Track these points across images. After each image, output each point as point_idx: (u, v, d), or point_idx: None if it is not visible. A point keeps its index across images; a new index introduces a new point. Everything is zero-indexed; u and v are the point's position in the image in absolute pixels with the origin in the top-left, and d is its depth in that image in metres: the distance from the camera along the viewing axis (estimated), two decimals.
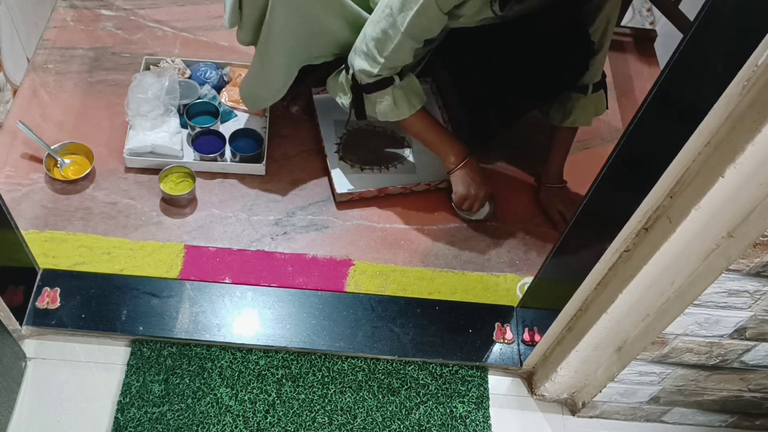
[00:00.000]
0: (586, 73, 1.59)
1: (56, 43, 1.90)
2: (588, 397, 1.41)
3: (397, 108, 1.51)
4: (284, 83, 1.59)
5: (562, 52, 1.53)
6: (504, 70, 1.62)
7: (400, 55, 1.43)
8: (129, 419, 1.35)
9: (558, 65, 1.55)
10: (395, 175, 1.73)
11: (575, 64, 1.57)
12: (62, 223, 1.58)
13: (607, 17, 1.51)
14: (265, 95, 1.62)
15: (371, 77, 1.47)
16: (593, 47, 1.54)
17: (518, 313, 1.55)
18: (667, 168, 0.94)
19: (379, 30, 1.40)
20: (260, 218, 1.65)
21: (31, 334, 1.44)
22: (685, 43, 0.87)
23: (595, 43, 1.53)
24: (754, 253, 0.94)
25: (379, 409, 1.42)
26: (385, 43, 1.41)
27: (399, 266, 1.61)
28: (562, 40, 1.52)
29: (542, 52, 1.55)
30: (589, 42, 1.53)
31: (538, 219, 1.74)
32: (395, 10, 1.36)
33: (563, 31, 1.51)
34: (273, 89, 1.60)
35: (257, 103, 1.66)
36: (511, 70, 1.60)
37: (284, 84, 1.59)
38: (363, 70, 1.46)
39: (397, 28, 1.37)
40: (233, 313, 1.48)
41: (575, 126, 1.68)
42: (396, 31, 1.38)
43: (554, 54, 1.54)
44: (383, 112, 1.52)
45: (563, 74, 1.58)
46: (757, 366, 1.25)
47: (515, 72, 1.60)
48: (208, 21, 2.02)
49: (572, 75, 1.59)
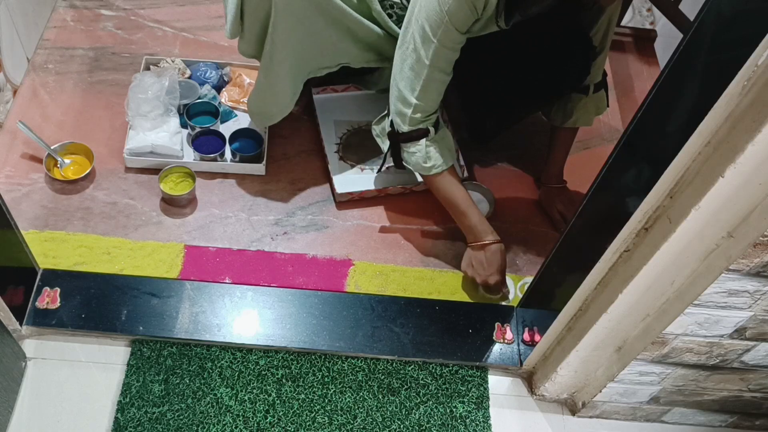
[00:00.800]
0: (587, 75, 1.58)
1: (56, 43, 1.90)
2: (588, 397, 1.41)
3: (429, 161, 1.47)
4: (291, 97, 1.58)
5: (563, 57, 1.53)
6: (505, 73, 1.62)
7: (430, 92, 1.39)
8: (129, 419, 1.35)
9: (559, 69, 1.55)
10: (395, 175, 1.73)
11: (576, 68, 1.56)
12: (62, 223, 1.58)
13: (608, 19, 1.51)
14: (274, 110, 1.60)
15: (406, 123, 1.43)
16: (594, 50, 1.54)
17: (518, 313, 1.55)
18: (667, 168, 0.94)
19: (407, 68, 1.38)
20: (260, 218, 1.65)
21: (31, 334, 1.44)
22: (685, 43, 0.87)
23: (597, 45, 1.53)
24: (754, 253, 0.94)
25: (379, 409, 1.42)
26: (414, 81, 1.38)
27: (399, 266, 1.61)
28: (562, 44, 1.51)
29: (543, 57, 1.54)
30: (590, 46, 1.53)
31: (538, 219, 1.74)
32: (418, 45, 1.34)
33: (564, 35, 1.51)
34: (281, 104, 1.58)
35: (266, 119, 1.64)
36: (512, 73, 1.60)
37: (291, 98, 1.58)
38: (398, 112, 1.43)
39: (422, 62, 1.35)
40: (233, 313, 1.48)
41: (576, 127, 1.68)
42: (422, 65, 1.35)
43: (555, 58, 1.53)
44: (414, 164, 1.48)
45: (564, 78, 1.58)
46: (757, 366, 1.25)
47: (516, 75, 1.60)
48: (208, 21, 2.02)
49: (573, 78, 1.59)
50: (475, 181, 1.75)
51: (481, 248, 1.51)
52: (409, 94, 1.39)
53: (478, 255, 1.52)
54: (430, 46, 1.33)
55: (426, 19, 1.31)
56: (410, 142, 1.45)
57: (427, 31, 1.32)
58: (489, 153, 1.83)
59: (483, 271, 1.51)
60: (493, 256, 1.50)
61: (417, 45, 1.34)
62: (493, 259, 1.50)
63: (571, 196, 1.73)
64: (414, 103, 1.40)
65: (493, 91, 1.68)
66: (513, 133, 1.82)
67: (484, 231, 1.51)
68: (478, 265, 1.52)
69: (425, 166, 1.47)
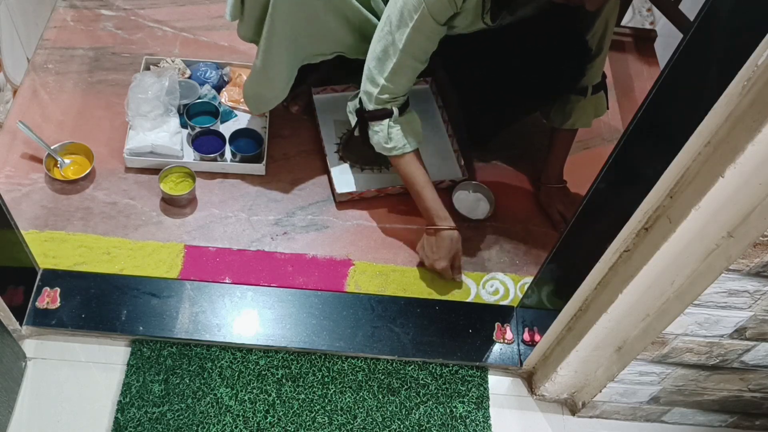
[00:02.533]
0: (582, 77, 1.58)
1: (56, 43, 1.90)
2: (588, 397, 1.41)
3: (390, 142, 1.48)
4: (287, 82, 1.59)
5: (558, 58, 1.53)
6: (500, 74, 1.62)
7: (400, 76, 1.40)
8: (129, 419, 1.35)
9: (553, 70, 1.55)
10: (395, 175, 1.73)
11: (570, 70, 1.56)
12: (62, 223, 1.58)
13: (605, 21, 1.50)
14: (269, 95, 1.61)
15: (372, 101, 1.45)
16: (590, 52, 1.53)
17: (518, 313, 1.55)
18: (667, 168, 0.94)
19: (380, 49, 1.39)
20: (260, 218, 1.65)
21: (31, 334, 1.44)
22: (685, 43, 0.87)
23: (594, 47, 1.53)
24: (754, 253, 0.94)
25: (379, 409, 1.42)
26: (385, 63, 1.39)
27: (399, 266, 1.61)
28: (557, 45, 1.51)
29: (537, 58, 1.54)
30: (585, 47, 1.52)
31: (538, 219, 1.74)
32: (393, 27, 1.36)
33: (558, 36, 1.50)
34: (276, 88, 1.59)
35: (261, 104, 1.65)
36: (507, 74, 1.60)
37: (287, 83, 1.59)
38: (365, 91, 1.45)
39: (396, 45, 1.36)
40: (233, 313, 1.48)
41: (575, 128, 1.68)
42: (395, 49, 1.37)
43: (549, 59, 1.53)
44: (377, 143, 1.50)
45: (559, 79, 1.58)
46: (757, 366, 1.25)
47: (511, 76, 1.60)
48: (208, 21, 2.02)
49: (568, 80, 1.59)
50: (475, 181, 1.75)
51: (433, 233, 1.53)
52: (378, 74, 1.41)
53: (429, 239, 1.55)
54: (404, 30, 1.34)
55: (404, 3, 1.32)
56: (375, 121, 1.47)
57: (404, 15, 1.33)
58: (489, 153, 1.83)
59: (431, 255, 1.54)
60: (443, 242, 1.52)
61: (393, 28, 1.36)
62: (443, 244, 1.52)
63: (571, 196, 1.73)
64: (382, 84, 1.41)
65: (489, 92, 1.68)
66: (513, 133, 1.82)
67: (438, 216, 1.52)
68: (428, 248, 1.55)
69: (386, 147, 1.48)
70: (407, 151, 1.50)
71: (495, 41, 1.55)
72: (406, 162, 1.51)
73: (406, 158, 1.50)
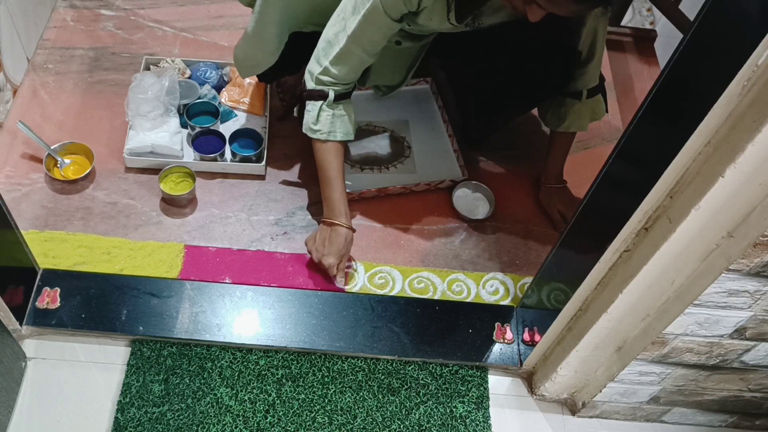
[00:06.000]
0: (570, 81, 1.57)
1: (56, 43, 1.90)
2: (588, 397, 1.41)
3: (317, 124, 1.45)
4: (277, 46, 1.56)
5: (543, 61, 1.52)
6: (489, 75, 1.61)
7: (344, 63, 1.39)
8: (129, 419, 1.35)
9: (539, 73, 1.54)
10: (395, 175, 1.73)
11: (556, 73, 1.55)
12: (62, 223, 1.58)
13: (593, 30, 1.48)
14: (259, 57, 1.58)
15: (312, 80, 1.43)
16: (576, 57, 1.52)
17: (518, 313, 1.55)
18: (667, 168, 0.94)
19: (332, 33, 1.39)
20: (260, 218, 1.65)
21: (31, 334, 1.44)
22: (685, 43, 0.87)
23: (583, 54, 1.52)
24: (754, 253, 0.94)
25: (379, 409, 1.42)
26: (333, 47, 1.39)
27: (399, 266, 1.61)
28: (543, 48, 1.50)
29: (522, 60, 1.54)
30: (572, 52, 1.51)
31: (538, 219, 1.74)
32: (347, 13, 1.36)
33: (542, 40, 1.49)
34: (266, 51, 1.56)
35: (250, 66, 1.62)
36: (495, 75, 1.60)
37: (277, 47, 1.56)
38: (309, 70, 1.44)
39: (345, 32, 1.36)
40: (233, 313, 1.48)
41: (570, 131, 1.67)
42: (344, 35, 1.36)
43: (534, 62, 1.53)
44: (305, 122, 1.47)
45: (545, 82, 1.57)
46: (757, 366, 1.25)
47: (499, 78, 1.60)
48: (208, 21, 2.02)
49: (555, 83, 1.57)
50: (475, 181, 1.75)
51: (329, 226, 1.49)
52: (324, 57, 1.40)
53: (323, 232, 1.51)
54: (356, 18, 1.34)
55: None
56: (310, 100, 1.45)
57: (358, 4, 1.33)
58: (489, 153, 1.83)
59: (321, 249, 1.50)
60: (338, 238, 1.48)
61: (347, 14, 1.36)
62: (337, 240, 1.48)
63: (571, 196, 1.73)
64: (325, 66, 1.41)
65: (480, 93, 1.68)
66: (513, 133, 1.82)
67: (340, 212, 1.48)
68: (320, 241, 1.51)
69: (312, 128, 1.45)
70: (331, 140, 1.46)
71: (487, 43, 1.54)
72: (326, 149, 1.47)
73: (327, 145, 1.46)
